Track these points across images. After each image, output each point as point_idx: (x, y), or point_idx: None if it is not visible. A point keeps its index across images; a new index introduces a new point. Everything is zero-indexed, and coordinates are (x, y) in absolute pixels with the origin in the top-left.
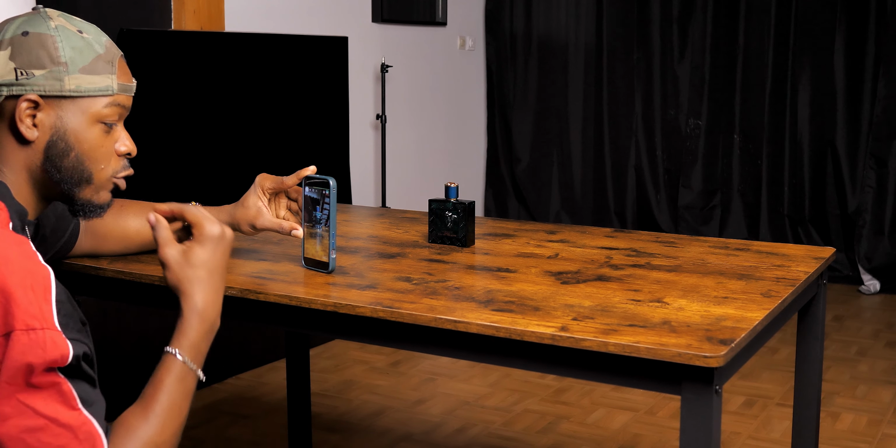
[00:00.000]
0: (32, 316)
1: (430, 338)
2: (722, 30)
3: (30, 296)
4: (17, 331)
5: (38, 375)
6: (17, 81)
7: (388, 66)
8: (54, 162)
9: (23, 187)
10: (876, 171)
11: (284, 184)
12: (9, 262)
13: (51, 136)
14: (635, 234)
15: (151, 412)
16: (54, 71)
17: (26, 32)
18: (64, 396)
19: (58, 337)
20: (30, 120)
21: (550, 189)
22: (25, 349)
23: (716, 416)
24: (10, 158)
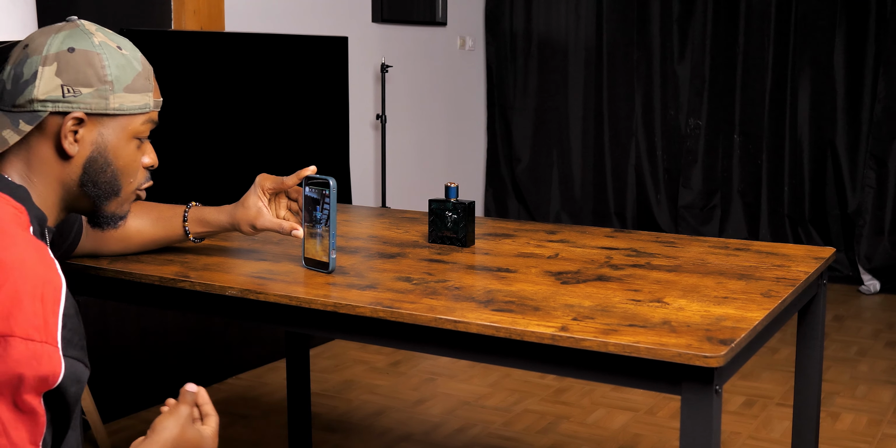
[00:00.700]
0: (35, 327)
1: (430, 338)
2: (722, 30)
3: (37, 306)
4: (16, 337)
5: (25, 394)
6: (63, 99)
7: (388, 66)
8: (92, 177)
9: (49, 197)
10: (876, 171)
11: (284, 184)
12: (24, 267)
13: (91, 153)
14: (635, 234)
15: None
16: (101, 90)
17: (72, 49)
18: (35, 428)
19: (54, 354)
20: (72, 136)
21: (550, 189)
22: (20, 358)
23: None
24: (46, 171)
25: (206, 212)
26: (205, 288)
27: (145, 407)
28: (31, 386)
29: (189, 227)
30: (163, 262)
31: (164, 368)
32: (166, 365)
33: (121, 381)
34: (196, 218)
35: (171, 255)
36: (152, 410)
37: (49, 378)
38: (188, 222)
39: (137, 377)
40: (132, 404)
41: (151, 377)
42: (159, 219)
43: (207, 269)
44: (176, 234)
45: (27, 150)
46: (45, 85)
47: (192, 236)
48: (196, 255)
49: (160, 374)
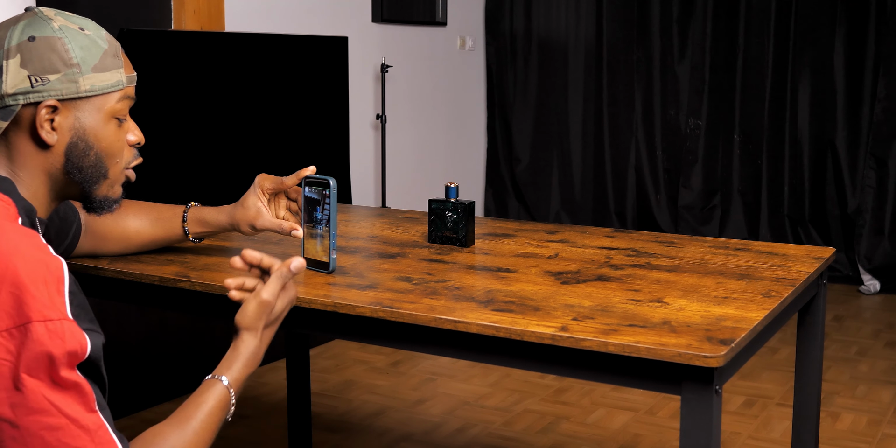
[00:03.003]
0: (48, 307)
1: (430, 338)
2: (722, 30)
3: (42, 288)
4: (34, 322)
5: (61, 370)
6: (32, 89)
7: (388, 66)
8: (75, 163)
9: (39, 189)
10: (876, 171)
11: (284, 184)
12: (20, 254)
13: (70, 138)
14: (635, 234)
15: (188, 427)
16: (68, 73)
17: (32, 37)
18: (84, 398)
19: (75, 328)
20: (48, 124)
21: (550, 189)
22: (45, 339)
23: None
24: (29, 163)
25: (205, 212)
26: (205, 288)
27: (145, 407)
28: (64, 363)
29: (188, 227)
30: (163, 262)
31: (164, 368)
32: (166, 365)
33: (121, 381)
34: (195, 218)
35: (171, 255)
36: (152, 410)
37: (78, 351)
38: (188, 222)
39: (137, 377)
40: (132, 404)
41: (151, 377)
42: (159, 219)
43: (207, 269)
44: (175, 234)
45: (6, 145)
46: (11, 78)
47: (192, 236)
48: (196, 255)
49: (160, 374)
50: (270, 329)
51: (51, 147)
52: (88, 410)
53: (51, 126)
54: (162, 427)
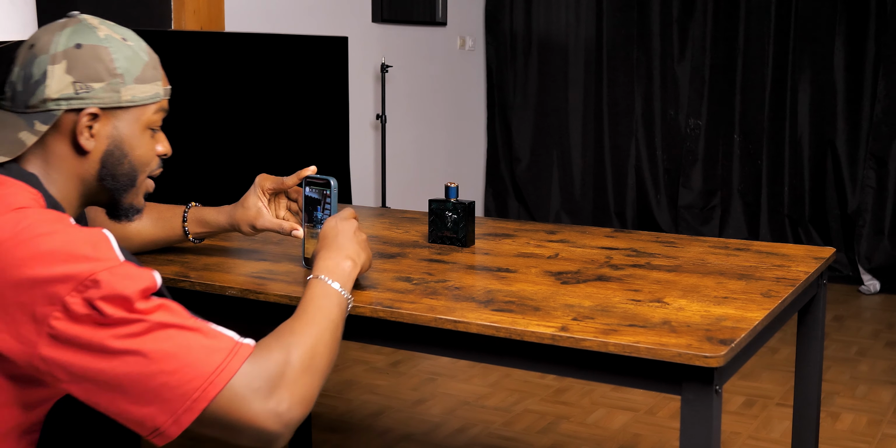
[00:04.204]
0: (104, 259)
1: (430, 338)
2: (722, 30)
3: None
4: (99, 271)
5: (143, 303)
6: (76, 95)
7: (388, 66)
8: (110, 170)
9: (70, 193)
10: (876, 171)
11: (284, 184)
12: (61, 231)
13: (107, 146)
14: (635, 234)
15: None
16: (112, 83)
17: (79, 45)
18: (173, 311)
19: (139, 267)
20: (87, 131)
21: (550, 189)
22: (115, 283)
23: (716, 416)
24: (65, 168)
25: (205, 212)
26: (205, 288)
27: None
28: (140, 297)
29: (189, 227)
30: (163, 262)
31: None
32: None
33: None
34: (196, 218)
35: (171, 255)
36: None
37: (150, 285)
38: (188, 223)
39: None
40: None
41: None
42: (159, 219)
43: (207, 269)
44: (176, 234)
45: (43, 149)
46: (56, 83)
47: (192, 237)
48: (196, 255)
49: None
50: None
51: (88, 153)
52: (185, 316)
53: (90, 133)
54: (290, 322)
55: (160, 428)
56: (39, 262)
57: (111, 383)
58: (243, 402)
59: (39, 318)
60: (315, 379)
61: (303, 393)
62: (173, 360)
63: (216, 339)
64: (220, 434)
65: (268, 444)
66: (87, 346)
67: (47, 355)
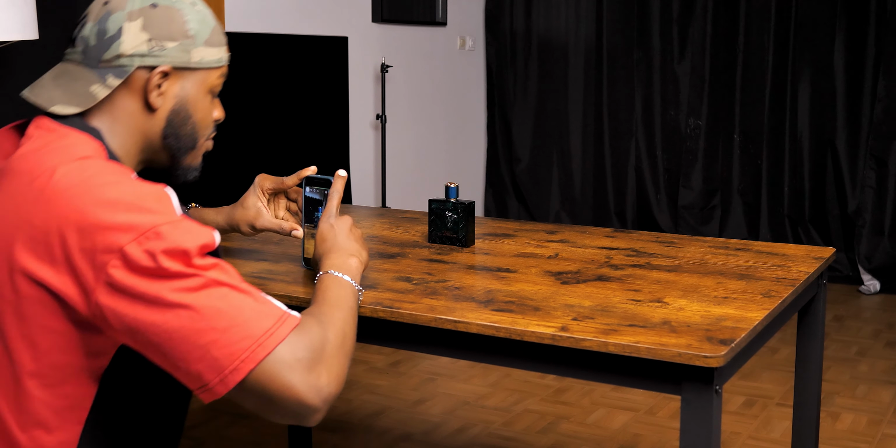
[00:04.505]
0: (168, 213)
1: (430, 338)
2: (722, 30)
3: (154, 202)
4: (161, 224)
5: (200, 259)
6: (149, 53)
7: (388, 66)
8: (174, 130)
9: (131, 149)
10: (876, 171)
11: (284, 184)
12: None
13: (174, 106)
14: (635, 234)
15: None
16: (184, 43)
17: (155, 4)
18: (228, 272)
19: (198, 224)
20: (157, 89)
21: (550, 189)
22: (177, 236)
23: (716, 416)
24: (131, 124)
25: (204, 213)
26: None
27: None
28: (198, 254)
29: None
30: None
31: None
32: None
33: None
34: (195, 219)
35: None
36: None
37: (208, 242)
38: None
39: None
40: None
41: None
42: None
43: None
44: None
45: (111, 104)
46: (131, 40)
47: None
48: None
49: None
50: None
51: (155, 111)
52: (239, 279)
53: (159, 91)
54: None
55: (207, 385)
56: (103, 209)
57: (162, 336)
58: (288, 370)
59: (98, 266)
60: (346, 359)
61: (338, 371)
62: (224, 319)
63: (266, 305)
64: (258, 405)
65: (303, 419)
66: (141, 297)
67: (103, 303)
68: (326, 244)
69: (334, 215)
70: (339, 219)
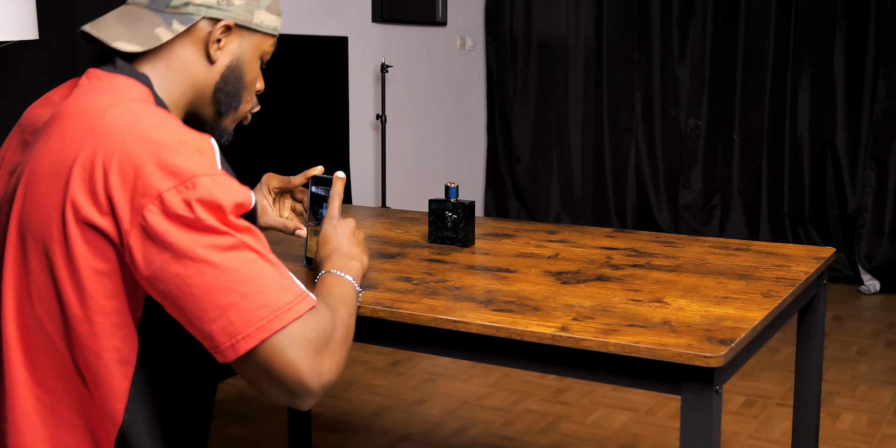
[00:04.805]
0: (207, 166)
1: (430, 338)
2: (722, 30)
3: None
4: (200, 176)
5: (235, 217)
6: (217, 5)
7: (388, 66)
8: (227, 85)
9: (180, 98)
10: (876, 172)
11: (291, 183)
12: (171, 128)
13: (230, 62)
14: (635, 234)
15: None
16: (249, 3)
17: None
18: (260, 239)
19: (237, 182)
20: (216, 43)
21: (550, 189)
22: (214, 190)
23: (716, 416)
24: (186, 72)
25: None
26: None
27: None
28: (233, 211)
29: None
30: None
31: None
32: None
33: None
34: None
35: None
36: None
37: (245, 201)
38: None
39: None
40: None
41: None
42: None
43: None
44: None
45: (169, 52)
46: None
47: None
48: None
49: None
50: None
51: (213, 64)
52: (267, 249)
53: (219, 45)
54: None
55: (218, 347)
56: (149, 151)
57: (183, 290)
58: (297, 348)
59: (136, 208)
60: (346, 352)
61: (339, 360)
62: (247, 284)
63: (288, 280)
64: (257, 378)
65: (298, 400)
66: (170, 247)
67: (134, 246)
68: (329, 247)
69: (337, 217)
70: (342, 222)
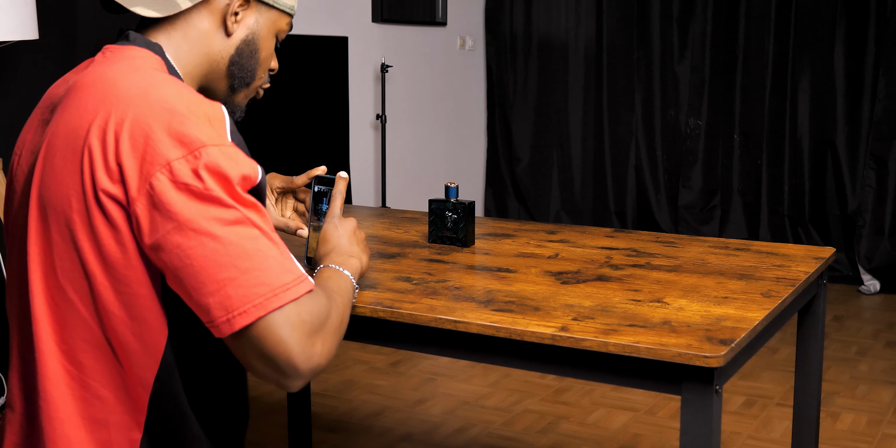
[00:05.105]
0: (216, 136)
1: (430, 338)
2: (722, 30)
3: (205, 123)
4: (208, 146)
5: (241, 191)
6: None
7: (388, 66)
8: (241, 59)
9: (195, 69)
10: (876, 171)
11: (294, 183)
12: (182, 96)
13: (246, 36)
14: (635, 234)
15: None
16: None
17: None
18: (265, 217)
19: (245, 155)
20: (234, 16)
21: (550, 189)
22: (221, 161)
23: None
24: (202, 43)
25: None
26: None
27: None
28: (239, 183)
29: None
30: None
31: None
32: None
33: None
34: None
35: None
36: None
37: (251, 175)
38: None
39: None
40: None
41: None
42: None
43: None
44: None
45: (186, 21)
46: None
47: None
48: None
49: None
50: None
51: (230, 36)
52: (271, 228)
53: (236, 18)
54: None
55: (213, 321)
56: (159, 118)
57: (183, 261)
58: (291, 328)
59: (144, 175)
60: (338, 340)
61: (331, 346)
62: (248, 260)
63: (289, 261)
64: (248, 355)
65: (286, 380)
66: (175, 217)
67: (140, 213)
68: (329, 245)
69: (338, 216)
70: (343, 221)
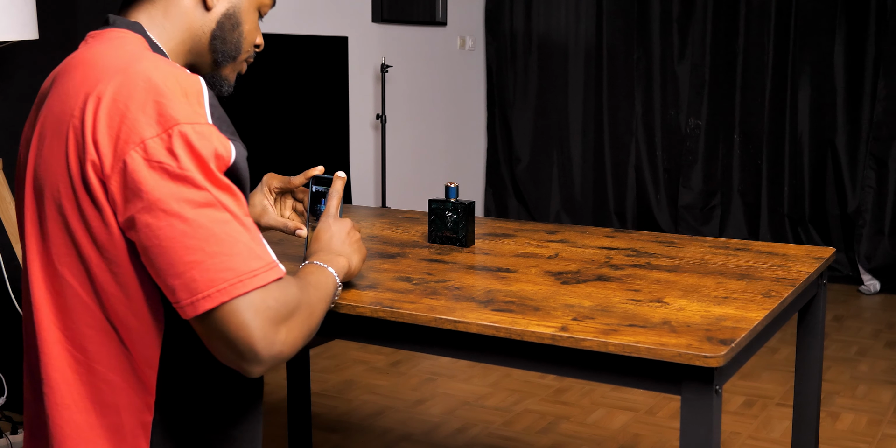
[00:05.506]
0: (192, 114)
1: (430, 338)
2: (722, 30)
3: (182, 99)
4: (182, 124)
5: (213, 171)
6: None
7: (388, 66)
8: (224, 33)
9: (178, 46)
10: (876, 171)
11: (292, 183)
12: (159, 70)
13: (227, 9)
14: (635, 234)
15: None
16: None
17: None
18: (239, 201)
19: (219, 133)
20: None
21: (550, 189)
22: (194, 139)
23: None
24: (182, 19)
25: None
26: None
27: None
28: (214, 164)
29: None
30: None
31: None
32: None
33: None
34: None
35: None
36: None
37: (224, 155)
38: None
39: None
40: None
41: None
42: None
43: None
44: None
45: None
46: None
47: None
48: None
49: None
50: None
51: (210, 10)
52: (244, 213)
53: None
54: None
55: (179, 303)
56: (134, 96)
57: (152, 241)
58: (254, 313)
59: (118, 153)
60: (307, 332)
61: (296, 336)
62: (216, 244)
63: (260, 248)
64: (209, 337)
65: (246, 365)
66: (146, 196)
67: (113, 190)
68: (320, 243)
69: (334, 216)
70: (338, 221)
